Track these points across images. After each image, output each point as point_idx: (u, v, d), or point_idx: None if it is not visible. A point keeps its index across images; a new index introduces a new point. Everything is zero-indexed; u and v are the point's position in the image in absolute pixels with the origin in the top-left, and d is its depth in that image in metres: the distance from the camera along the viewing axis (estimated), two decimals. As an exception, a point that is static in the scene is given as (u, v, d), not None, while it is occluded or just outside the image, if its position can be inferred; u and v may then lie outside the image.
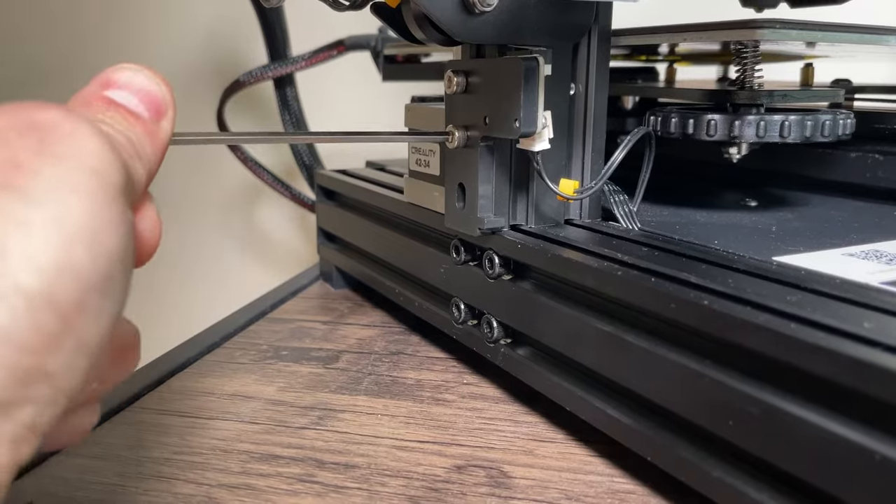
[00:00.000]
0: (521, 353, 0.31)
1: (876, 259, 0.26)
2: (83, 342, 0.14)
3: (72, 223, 0.14)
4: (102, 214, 0.15)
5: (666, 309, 0.23)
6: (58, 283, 0.14)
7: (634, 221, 0.31)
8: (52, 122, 0.15)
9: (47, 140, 0.15)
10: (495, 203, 0.30)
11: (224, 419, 0.31)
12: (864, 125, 0.35)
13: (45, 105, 0.15)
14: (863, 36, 0.31)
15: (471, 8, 0.25)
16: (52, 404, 0.14)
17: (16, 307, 0.13)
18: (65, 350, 0.14)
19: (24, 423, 0.13)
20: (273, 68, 0.61)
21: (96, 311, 0.14)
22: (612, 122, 0.32)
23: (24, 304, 0.13)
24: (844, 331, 0.18)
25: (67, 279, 0.14)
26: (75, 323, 0.14)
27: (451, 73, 0.29)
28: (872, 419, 0.18)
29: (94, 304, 0.14)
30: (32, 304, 0.13)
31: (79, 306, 0.14)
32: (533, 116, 0.26)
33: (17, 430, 0.13)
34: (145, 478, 0.27)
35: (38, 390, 0.14)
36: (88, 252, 0.14)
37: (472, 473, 0.27)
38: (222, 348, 0.40)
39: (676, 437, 0.23)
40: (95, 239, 0.14)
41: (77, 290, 0.14)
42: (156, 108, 0.19)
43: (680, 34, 0.32)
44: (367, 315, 0.44)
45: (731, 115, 0.31)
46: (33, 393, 0.13)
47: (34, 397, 0.14)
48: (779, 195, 0.39)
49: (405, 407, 0.32)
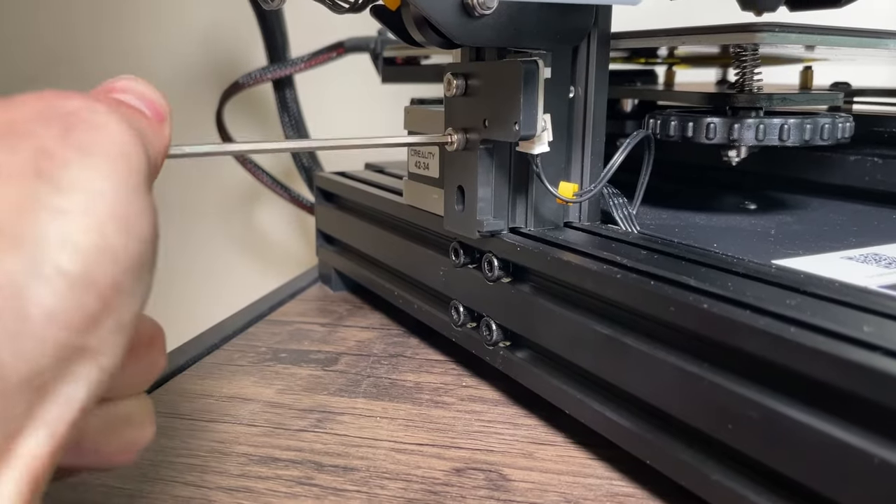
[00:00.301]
0: (521, 356, 0.31)
1: (875, 262, 0.26)
2: (121, 322, 0.15)
3: (104, 208, 0.15)
4: (131, 199, 0.15)
5: (665, 312, 0.23)
6: (96, 264, 0.14)
7: (634, 224, 0.31)
8: (75, 111, 0.15)
9: (73, 129, 0.15)
10: (495, 205, 0.30)
11: (222, 421, 0.31)
12: (864, 128, 0.35)
13: (66, 94, 0.16)
14: (862, 39, 0.31)
15: (470, 11, 0.25)
16: (95, 383, 0.15)
17: (58, 288, 0.14)
18: (105, 328, 0.15)
19: (73, 404, 0.14)
20: (272, 70, 0.61)
21: (130, 292, 0.15)
22: (612, 124, 0.32)
23: (65, 285, 0.14)
24: (844, 335, 0.18)
25: (105, 260, 0.14)
26: (113, 302, 0.15)
27: (450, 75, 0.29)
28: (872, 423, 0.17)
29: (128, 284, 0.15)
30: (74, 285, 0.14)
31: (116, 287, 0.15)
32: (532, 119, 0.26)
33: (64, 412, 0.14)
34: (144, 480, 0.27)
35: (82, 368, 0.14)
36: (121, 234, 0.15)
37: (471, 476, 0.27)
38: (221, 350, 0.40)
39: (676, 441, 0.23)
40: (127, 222, 0.15)
41: (113, 271, 0.15)
42: (156, 111, 0.20)
43: (679, 38, 0.32)
44: (365, 317, 0.44)
45: (730, 118, 0.31)
46: (78, 370, 0.14)
47: (79, 374, 0.14)
48: (778, 198, 0.39)
49: (404, 409, 0.32)
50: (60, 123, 0.15)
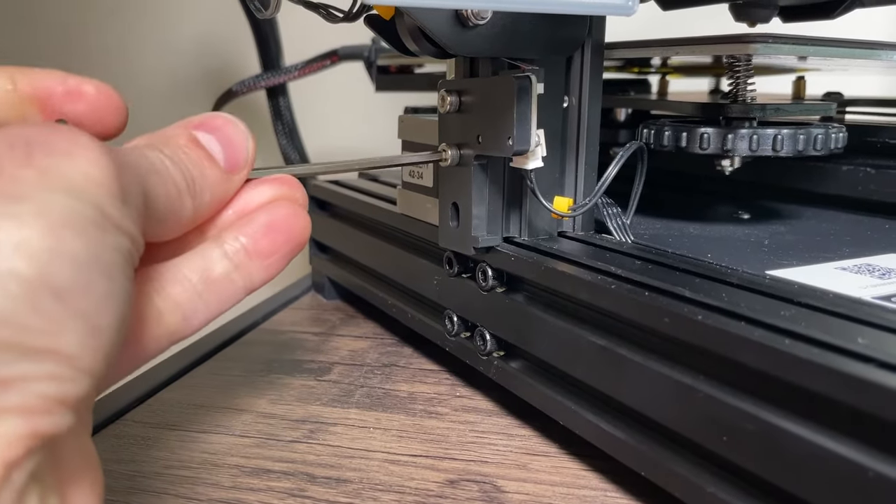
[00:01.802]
0: (514, 366, 0.30)
1: (868, 273, 0.26)
2: (97, 325, 0.15)
3: (58, 214, 0.15)
4: (88, 211, 0.15)
5: (659, 323, 0.23)
6: (51, 266, 0.14)
7: (628, 234, 0.31)
8: (42, 137, 0.15)
9: (36, 152, 0.15)
10: (489, 220, 0.30)
11: (214, 432, 0.31)
12: (856, 138, 0.35)
13: (43, 125, 0.16)
14: (854, 50, 0.31)
15: (464, 21, 0.25)
16: (72, 381, 0.15)
17: (11, 291, 0.14)
18: (74, 331, 0.15)
19: (38, 394, 0.14)
20: (266, 78, 0.61)
21: (105, 295, 0.15)
22: (605, 133, 0.32)
23: (19, 287, 0.14)
24: (838, 346, 0.18)
25: (62, 263, 0.14)
26: (80, 304, 0.15)
27: (444, 92, 0.29)
28: (866, 435, 0.17)
29: (101, 287, 0.15)
30: (29, 287, 0.14)
31: (82, 289, 0.15)
32: (526, 134, 0.26)
33: (29, 400, 0.14)
34: (135, 492, 0.26)
35: (49, 367, 0.14)
36: (80, 238, 0.15)
37: (464, 488, 0.27)
38: (213, 360, 0.39)
39: (670, 452, 0.23)
40: (89, 228, 0.15)
41: (73, 273, 0.15)
42: (234, 161, 0.21)
43: (673, 48, 0.32)
44: (359, 326, 0.44)
45: (723, 128, 0.31)
46: (44, 369, 0.14)
47: (47, 373, 0.14)
48: (771, 208, 0.39)
49: (397, 420, 0.32)
50: (24, 149, 0.15)
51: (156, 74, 0.77)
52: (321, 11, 0.28)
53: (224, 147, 0.21)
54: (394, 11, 0.27)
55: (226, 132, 0.21)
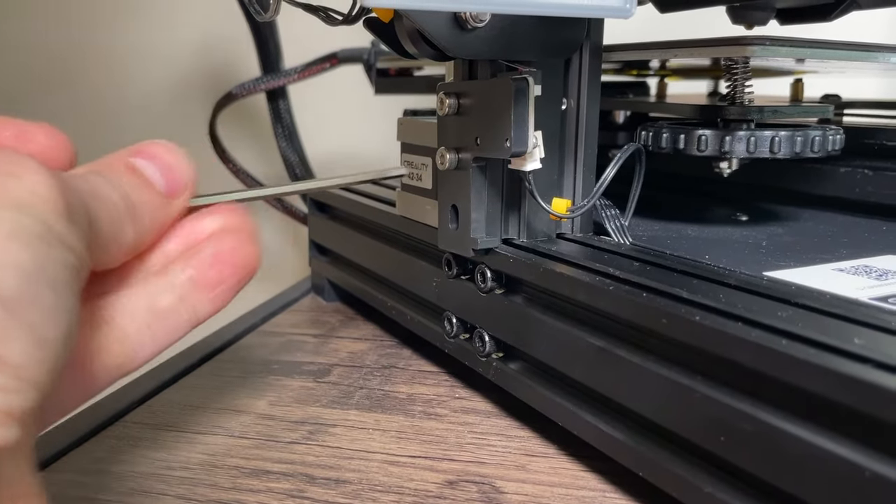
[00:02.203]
0: (513, 368, 0.31)
1: (865, 274, 0.26)
2: (42, 337, 0.15)
3: (4, 228, 0.15)
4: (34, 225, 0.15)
5: (658, 324, 0.23)
6: None
7: (626, 236, 0.31)
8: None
9: None
10: (488, 222, 0.30)
11: (214, 434, 0.31)
12: (854, 140, 0.35)
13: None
14: (851, 52, 0.31)
15: (463, 24, 0.25)
16: (17, 392, 0.15)
17: None
18: (19, 340, 0.15)
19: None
20: (265, 81, 0.61)
21: (51, 308, 0.15)
22: (603, 135, 0.32)
23: None
24: (835, 347, 0.18)
25: (8, 273, 0.15)
26: (26, 315, 0.15)
27: (442, 95, 0.29)
28: (863, 436, 0.18)
29: (47, 300, 0.15)
30: None
31: (28, 300, 0.15)
32: (524, 135, 0.26)
33: None
34: (134, 493, 0.26)
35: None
36: (27, 250, 0.15)
37: (464, 489, 0.27)
38: (212, 361, 0.39)
39: (668, 453, 0.23)
40: (34, 241, 0.15)
41: (20, 283, 0.15)
42: (173, 186, 0.21)
43: (671, 50, 0.32)
44: (358, 328, 0.44)
45: (721, 130, 0.31)
46: None
47: None
48: (769, 210, 0.39)
49: (397, 421, 0.32)
50: None
51: (156, 78, 0.77)
52: (320, 14, 0.28)
53: (163, 172, 0.21)
54: (393, 14, 0.27)
55: (163, 158, 0.21)
